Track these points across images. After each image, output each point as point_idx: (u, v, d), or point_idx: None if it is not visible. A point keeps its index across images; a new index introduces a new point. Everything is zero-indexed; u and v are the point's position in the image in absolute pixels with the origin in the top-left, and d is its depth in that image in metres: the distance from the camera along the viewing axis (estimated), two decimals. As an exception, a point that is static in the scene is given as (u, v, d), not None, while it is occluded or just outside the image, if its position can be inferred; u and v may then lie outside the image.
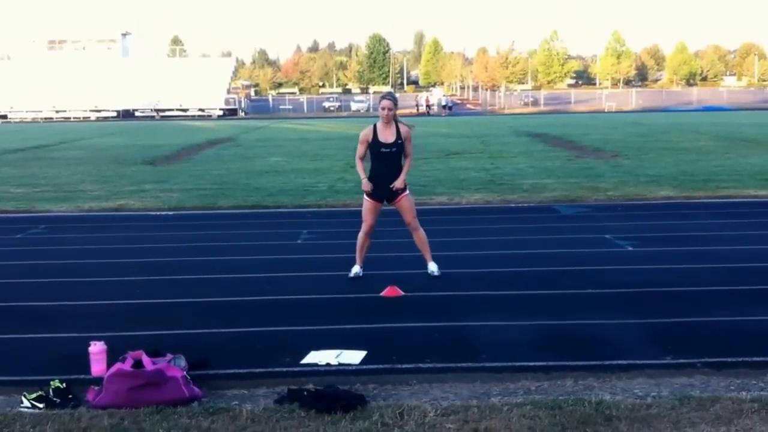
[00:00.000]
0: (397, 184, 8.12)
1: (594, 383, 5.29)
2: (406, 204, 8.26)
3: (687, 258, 9.17)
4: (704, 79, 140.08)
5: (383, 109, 8.02)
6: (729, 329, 6.37)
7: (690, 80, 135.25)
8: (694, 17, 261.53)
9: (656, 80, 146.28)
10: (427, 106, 78.77)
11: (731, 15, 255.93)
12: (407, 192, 8.27)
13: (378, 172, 8.18)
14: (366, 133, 8.12)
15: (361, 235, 8.36)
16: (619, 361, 5.59)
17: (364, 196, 8.28)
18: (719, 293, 7.55)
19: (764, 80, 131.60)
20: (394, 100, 8.11)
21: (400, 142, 8.08)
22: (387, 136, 8.07)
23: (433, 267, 8.40)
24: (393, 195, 8.21)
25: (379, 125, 8.10)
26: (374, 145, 8.08)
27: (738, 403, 4.79)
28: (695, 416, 4.61)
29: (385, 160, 8.12)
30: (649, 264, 8.88)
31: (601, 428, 4.46)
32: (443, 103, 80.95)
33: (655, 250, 9.69)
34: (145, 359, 5.11)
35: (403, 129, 8.11)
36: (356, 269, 8.39)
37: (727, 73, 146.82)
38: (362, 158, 8.25)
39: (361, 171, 8.26)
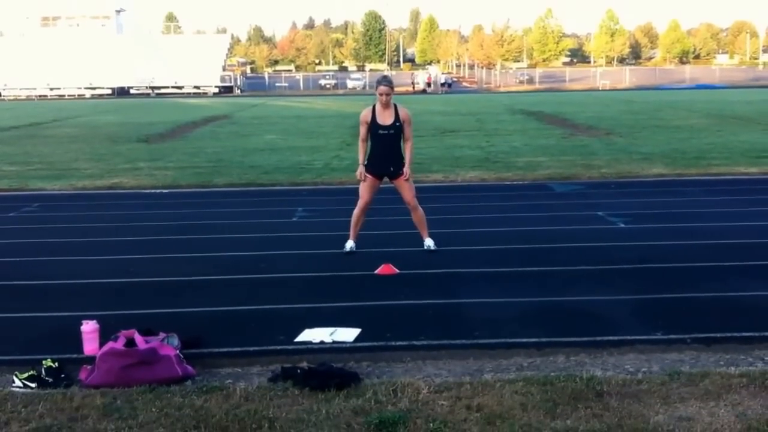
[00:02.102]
0: (404, 174, 8.20)
1: (585, 359, 5.32)
2: (406, 183, 8.26)
3: (678, 234, 9.20)
4: (697, 57, 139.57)
5: (381, 95, 8.01)
6: (719, 305, 6.41)
7: (683, 58, 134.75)
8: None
9: (650, 58, 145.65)
10: (427, 83, 78.36)
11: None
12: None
13: (377, 153, 8.20)
14: (365, 114, 8.12)
15: (356, 211, 8.38)
16: (611, 337, 5.63)
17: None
18: (710, 269, 7.59)
19: (756, 58, 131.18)
20: (391, 84, 8.13)
21: (398, 124, 8.07)
22: (385, 117, 8.07)
23: (429, 242, 8.45)
24: (392, 173, 8.21)
25: (378, 106, 8.09)
26: (373, 126, 8.08)
27: (727, 378, 4.83)
28: (685, 391, 4.65)
29: (384, 141, 8.12)
30: (641, 240, 8.90)
31: (592, 404, 4.48)
32: (442, 81, 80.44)
33: (647, 226, 9.71)
34: (138, 338, 5.10)
35: (402, 111, 8.11)
36: (350, 244, 8.42)
37: (720, 51, 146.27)
38: (365, 140, 8.25)
39: (360, 155, 8.28)
